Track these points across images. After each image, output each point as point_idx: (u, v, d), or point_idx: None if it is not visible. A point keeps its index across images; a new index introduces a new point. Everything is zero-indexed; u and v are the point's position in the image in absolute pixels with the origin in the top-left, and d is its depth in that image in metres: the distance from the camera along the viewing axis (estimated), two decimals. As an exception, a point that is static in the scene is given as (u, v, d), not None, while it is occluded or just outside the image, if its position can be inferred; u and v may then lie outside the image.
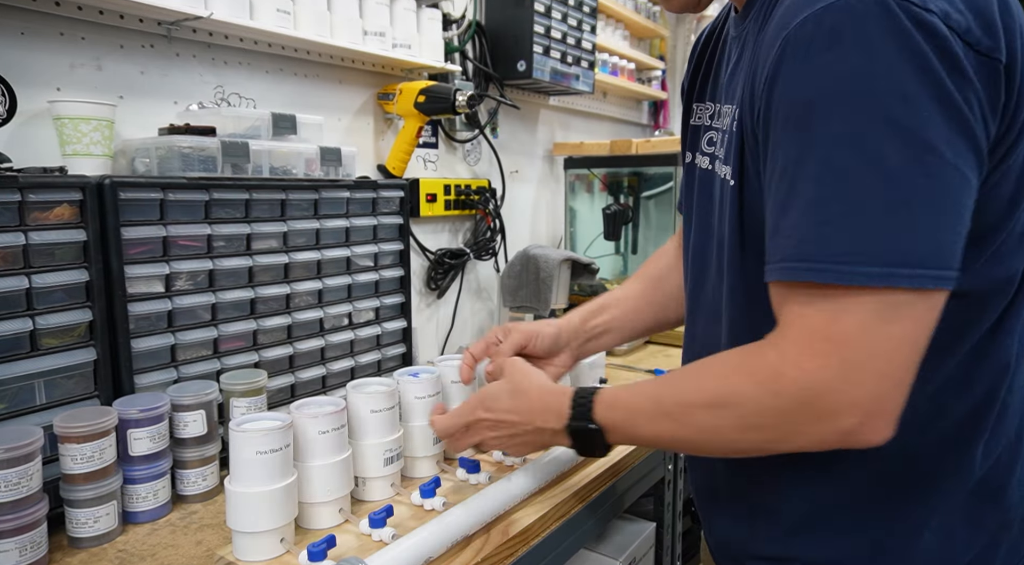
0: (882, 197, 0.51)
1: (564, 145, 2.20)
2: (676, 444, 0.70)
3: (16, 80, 0.97)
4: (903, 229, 0.51)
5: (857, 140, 0.52)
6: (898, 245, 0.51)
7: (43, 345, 0.84)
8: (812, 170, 0.53)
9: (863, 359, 0.53)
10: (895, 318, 0.52)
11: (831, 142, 0.53)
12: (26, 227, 0.82)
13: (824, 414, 0.54)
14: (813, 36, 0.53)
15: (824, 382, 0.54)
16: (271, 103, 1.36)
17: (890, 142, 0.51)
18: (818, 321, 0.54)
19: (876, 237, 0.51)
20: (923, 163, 0.51)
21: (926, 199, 0.51)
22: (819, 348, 0.54)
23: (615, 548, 1.17)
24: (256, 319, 1.07)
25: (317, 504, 0.81)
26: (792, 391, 0.55)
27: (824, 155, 0.53)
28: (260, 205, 1.07)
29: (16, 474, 0.73)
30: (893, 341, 0.53)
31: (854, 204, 0.52)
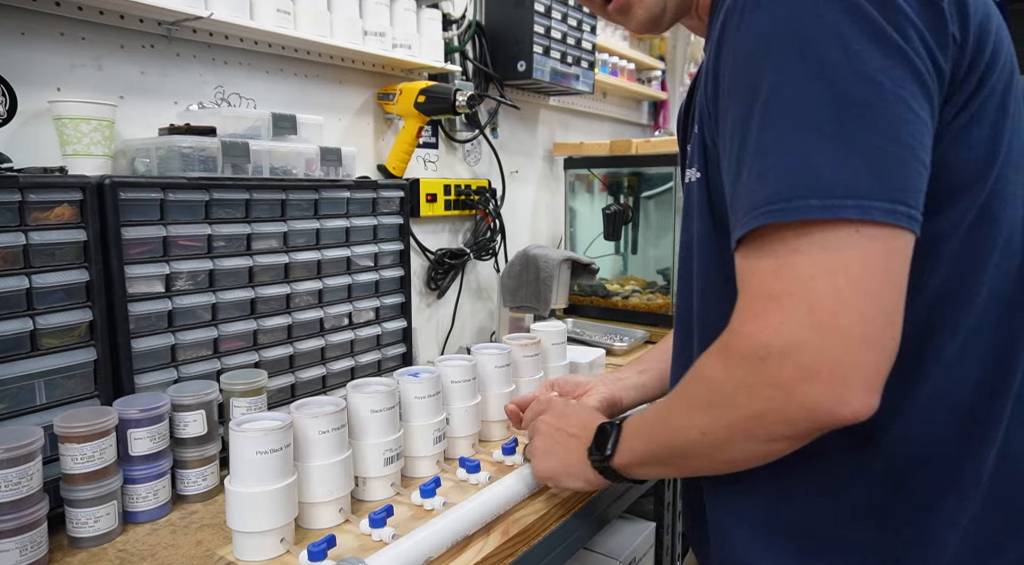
0: (822, 132, 0.48)
1: (564, 145, 2.20)
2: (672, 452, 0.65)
3: (16, 80, 0.97)
4: (846, 160, 0.48)
5: (791, 84, 0.50)
6: (841, 176, 0.48)
7: (43, 345, 0.84)
8: (755, 123, 0.52)
9: (807, 314, 0.48)
10: (842, 265, 0.48)
11: (769, 92, 0.51)
12: (26, 227, 0.82)
13: (778, 383, 0.50)
14: (744, 2, 0.53)
15: (767, 345, 0.50)
16: (271, 103, 1.36)
17: (823, 79, 0.49)
18: (759, 280, 0.51)
19: (816, 172, 0.48)
20: (860, 92, 0.48)
21: (867, 127, 0.48)
22: (760, 308, 0.51)
23: (615, 548, 1.17)
24: (256, 319, 1.07)
25: (317, 504, 0.81)
26: (738, 358, 0.52)
27: (763, 107, 0.51)
28: (260, 205, 1.07)
29: (16, 474, 0.73)
30: (845, 291, 0.47)
31: (794, 146, 0.49)
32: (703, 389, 0.57)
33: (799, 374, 0.49)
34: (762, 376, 0.51)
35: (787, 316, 0.49)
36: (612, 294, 2.01)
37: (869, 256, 0.48)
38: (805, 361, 0.49)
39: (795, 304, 0.49)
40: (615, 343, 1.70)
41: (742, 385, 0.53)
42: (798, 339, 0.49)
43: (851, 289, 0.48)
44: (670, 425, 0.62)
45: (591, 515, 0.96)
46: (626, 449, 0.71)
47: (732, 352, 0.53)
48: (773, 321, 0.50)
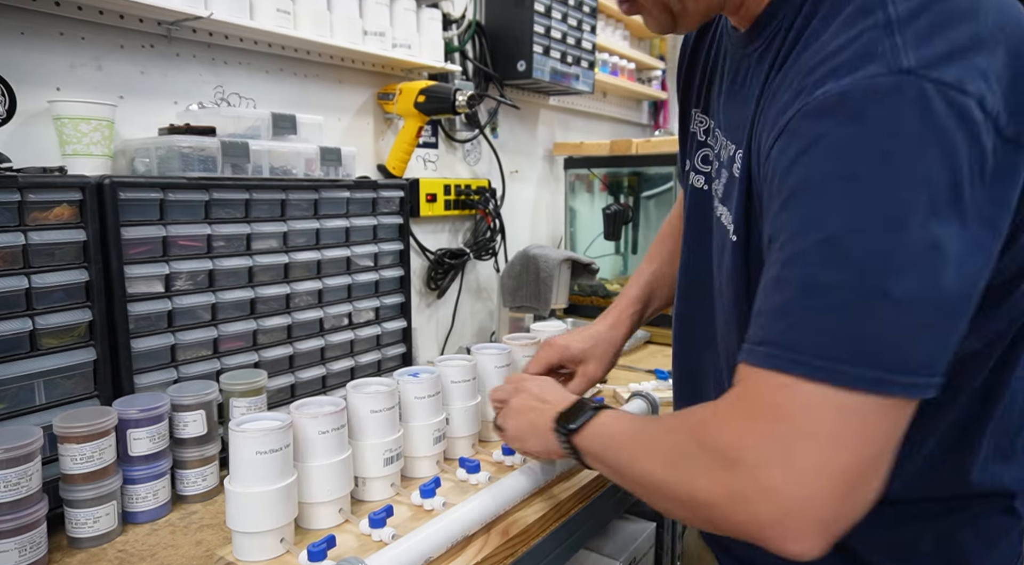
0: (887, 297, 0.46)
1: (564, 145, 2.20)
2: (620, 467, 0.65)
3: (16, 80, 0.97)
4: (903, 333, 0.46)
5: (866, 229, 0.47)
6: (896, 350, 0.46)
7: (43, 345, 0.84)
8: (814, 254, 0.48)
9: (799, 441, 0.47)
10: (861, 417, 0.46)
11: (838, 226, 0.48)
12: (26, 227, 0.82)
13: (738, 491, 0.48)
14: (834, 110, 0.49)
15: (746, 450, 0.48)
16: (271, 103, 1.36)
17: (901, 237, 0.46)
18: (765, 389, 0.49)
19: (873, 338, 0.46)
20: (931, 264, 0.46)
21: (929, 303, 0.46)
22: (754, 411, 0.49)
23: (615, 548, 1.17)
24: (256, 319, 1.07)
25: (317, 504, 0.81)
26: (710, 444, 0.51)
27: (828, 238, 0.48)
28: (260, 205, 1.07)
29: (16, 474, 0.73)
30: (851, 435, 0.46)
31: (853, 302, 0.47)
32: (671, 447, 0.56)
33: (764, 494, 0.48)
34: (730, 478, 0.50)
35: (780, 433, 0.48)
36: (612, 294, 2.01)
37: (888, 421, 0.47)
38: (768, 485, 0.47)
39: (793, 427, 0.47)
40: (615, 343, 1.70)
41: (708, 472, 0.51)
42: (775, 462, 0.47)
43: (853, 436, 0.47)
44: (628, 452, 0.63)
45: (591, 515, 0.96)
46: (592, 436, 0.69)
47: (711, 437, 0.52)
48: (764, 430, 0.48)
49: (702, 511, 0.52)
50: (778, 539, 0.47)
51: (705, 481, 0.51)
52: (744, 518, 0.49)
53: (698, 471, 0.52)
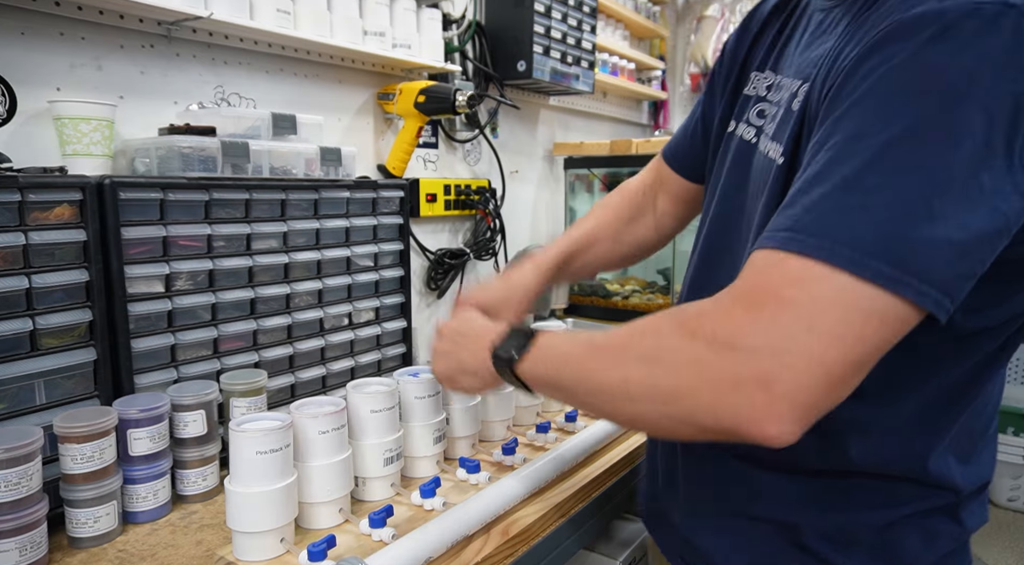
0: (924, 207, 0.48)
1: (564, 145, 2.20)
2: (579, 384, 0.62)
3: (16, 80, 0.97)
4: (937, 244, 0.48)
5: (929, 140, 0.48)
6: (925, 257, 0.48)
7: (43, 345, 0.84)
8: (867, 151, 0.49)
9: (801, 330, 0.48)
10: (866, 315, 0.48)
11: (900, 132, 0.49)
12: (26, 227, 0.82)
13: (730, 376, 0.49)
14: (928, 24, 0.49)
15: (749, 337, 0.49)
16: (271, 103, 1.36)
17: (960, 157, 0.48)
18: (777, 275, 0.50)
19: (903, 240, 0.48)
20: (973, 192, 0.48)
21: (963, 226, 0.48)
22: (760, 298, 0.49)
23: (615, 548, 1.17)
24: (256, 319, 1.07)
25: (317, 504, 0.81)
26: (709, 335, 0.51)
27: (887, 141, 0.49)
28: (260, 205, 1.07)
29: (16, 474, 0.73)
30: (850, 333, 0.48)
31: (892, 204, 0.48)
32: (651, 345, 0.55)
33: (755, 379, 0.48)
34: (722, 362, 0.50)
35: (782, 322, 0.48)
36: (612, 294, 2.01)
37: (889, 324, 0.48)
38: (767, 370, 0.48)
39: (796, 317, 0.48)
40: (615, 343, 1.70)
41: (697, 361, 0.51)
42: (780, 348, 0.48)
43: (852, 334, 0.48)
44: (593, 363, 0.59)
45: (591, 515, 0.96)
46: (535, 360, 0.67)
47: (706, 327, 0.51)
48: (766, 318, 0.49)
49: (682, 403, 0.52)
50: (760, 422, 0.48)
51: (692, 369, 0.51)
52: (730, 403, 0.49)
53: (684, 360, 0.52)
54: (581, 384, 0.61)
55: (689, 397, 0.51)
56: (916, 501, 0.64)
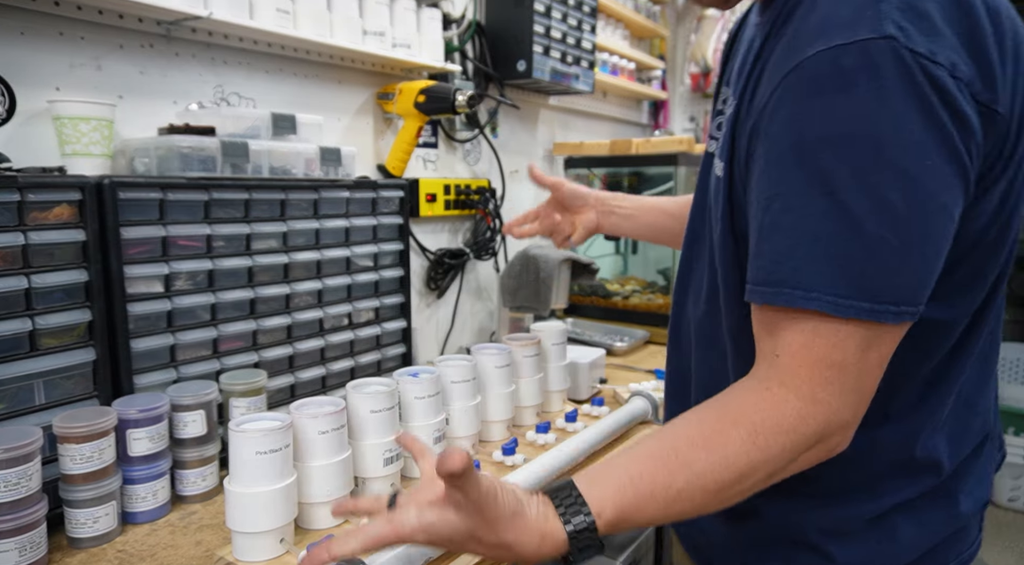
0: (886, 239, 0.53)
1: (564, 145, 2.19)
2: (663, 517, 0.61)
3: (16, 80, 0.97)
4: (900, 270, 0.55)
5: (868, 183, 0.53)
6: (894, 285, 0.55)
7: (42, 345, 0.84)
8: (819, 206, 0.55)
9: (855, 384, 0.57)
10: (876, 345, 0.56)
11: (842, 182, 0.54)
12: (25, 227, 0.82)
13: (824, 437, 0.58)
14: (828, 74, 0.54)
15: (833, 411, 0.57)
16: (271, 103, 1.35)
17: (897, 187, 0.53)
18: (822, 351, 0.56)
19: (878, 275, 0.54)
20: (925, 211, 0.54)
21: (922, 243, 0.54)
22: (827, 376, 0.56)
23: (615, 548, 1.17)
24: (256, 319, 1.07)
25: (317, 504, 0.81)
26: (813, 429, 0.57)
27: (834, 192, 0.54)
28: (260, 205, 1.07)
29: (15, 474, 0.73)
30: (871, 365, 0.57)
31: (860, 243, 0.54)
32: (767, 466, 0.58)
33: (840, 431, 0.58)
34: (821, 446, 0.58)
35: (847, 384, 0.57)
36: (612, 294, 2.01)
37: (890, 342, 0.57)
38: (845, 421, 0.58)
39: (851, 376, 0.56)
40: (615, 343, 1.70)
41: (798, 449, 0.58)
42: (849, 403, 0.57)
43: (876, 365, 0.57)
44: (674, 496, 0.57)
45: (591, 515, 0.96)
46: (608, 526, 0.59)
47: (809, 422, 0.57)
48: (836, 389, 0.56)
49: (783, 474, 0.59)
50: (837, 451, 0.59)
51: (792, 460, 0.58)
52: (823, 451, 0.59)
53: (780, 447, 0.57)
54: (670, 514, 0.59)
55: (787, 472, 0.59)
56: (907, 488, 0.67)
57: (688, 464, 0.57)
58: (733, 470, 0.57)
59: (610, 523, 0.58)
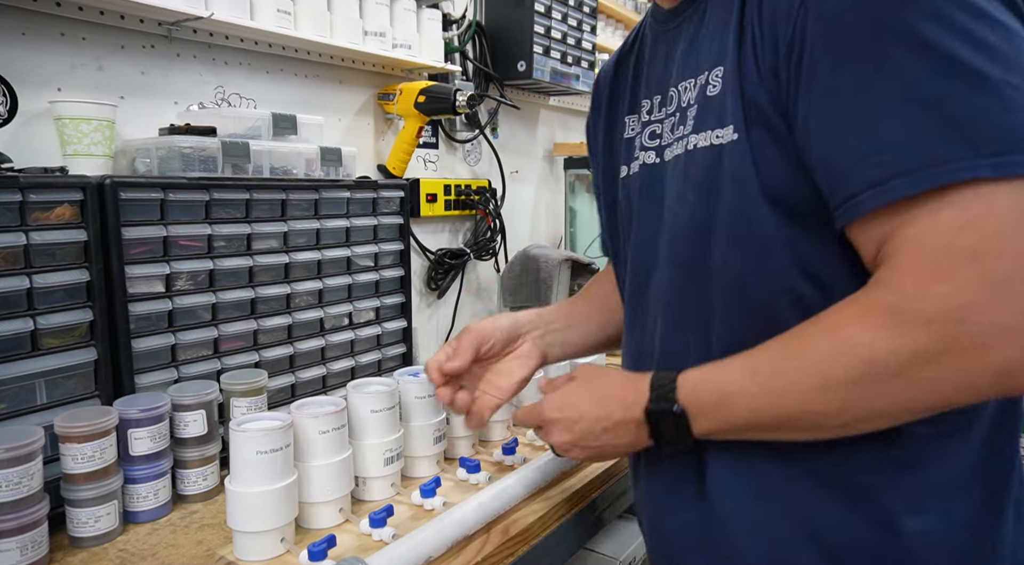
0: (1009, 82, 0.46)
1: (564, 145, 2.20)
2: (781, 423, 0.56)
3: (17, 80, 0.97)
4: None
5: (964, 29, 0.47)
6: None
7: (44, 345, 0.84)
8: (922, 67, 0.47)
9: (1010, 271, 0.45)
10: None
11: (935, 33, 0.47)
12: (27, 227, 0.82)
13: (968, 347, 0.46)
14: None
15: (962, 306, 0.45)
16: (271, 103, 1.36)
17: (990, 31, 0.47)
18: (940, 239, 0.47)
19: (999, 121, 0.46)
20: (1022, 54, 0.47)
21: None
22: (948, 267, 0.46)
23: (615, 548, 1.17)
24: (256, 319, 1.08)
25: (317, 504, 0.81)
26: (921, 323, 0.47)
27: (931, 47, 0.47)
28: (260, 205, 1.07)
29: (17, 474, 0.73)
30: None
31: (967, 93, 0.46)
32: (856, 361, 0.50)
33: (999, 340, 0.45)
34: (954, 342, 0.46)
35: (986, 273, 0.45)
36: (612, 294, 2.01)
37: None
38: (1006, 321, 0.45)
39: (994, 260, 0.45)
40: (615, 343, 1.70)
41: (921, 355, 0.47)
42: (1001, 297, 0.45)
43: None
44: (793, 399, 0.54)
45: (591, 515, 0.96)
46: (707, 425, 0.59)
47: (909, 317, 0.47)
48: (968, 279, 0.45)
49: (929, 399, 0.49)
50: (1020, 383, 0.47)
51: (923, 368, 0.48)
52: (988, 370, 0.46)
53: (911, 362, 0.48)
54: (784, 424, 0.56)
55: (933, 392, 0.49)
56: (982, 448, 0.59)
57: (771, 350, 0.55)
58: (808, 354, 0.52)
59: (695, 387, 0.60)
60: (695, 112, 0.65)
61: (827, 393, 0.52)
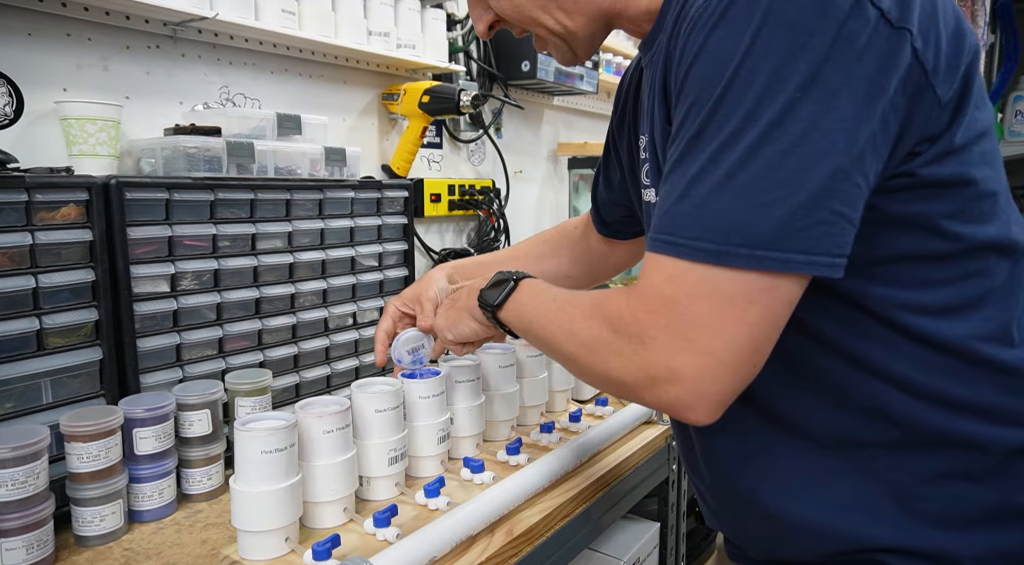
0: (740, 174, 0.51)
1: (568, 145, 2.20)
2: (542, 344, 0.71)
3: (23, 81, 0.98)
4: (754, 208, 0.51)
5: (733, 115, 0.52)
6: (743, 224, 0.51)
7: (49, 344, 0.85)
8: (701, 147, 0.53)
9: (689, 327, 0.53)
10: (736, 299, 0.52)
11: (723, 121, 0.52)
12: (33, 227, 0.83)
13: (648, 371, 0.56)
14: (708, 11, 0.54)
15: (655, 338, 0.55)
16: (276, 103, 1.36)
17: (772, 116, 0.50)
18: (659, 278, 0.55)
19: (726, 215, 0.52)
20: (804, 142, 0.50)
21: (787, 179, 0.50)
22: (655, 304, 0.55)
23: (619, 548, 1.17)
24: (261, 319, 1.08)
25: (322, 503, 0.81)
26: (625, 335, 0.57)
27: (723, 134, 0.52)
28: (265, 205, 1.07)
29: (23, 473, 0.73)
30: (729, 323, 0.52)
31: (716, 182, 0.52)
32: (588, 335, 0.62)
33: (667, 375, 0.54)
34: (638, 358, 0.56)
35: (672, 323, 0.54)
36: (616, 294, 2.01)
37: (759, 310, 0.52)
38: (674, 367, 0.54)
39: (680, 315, 0.53)
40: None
41: (619, 354, 0.58)
42: (676, 346, 0.54)
43: (728, 320, 0.52)
44: (554, 330, 0.67)
45: (595, 515, 0.96)
46: (513, 315, 0.74)
47: (622, 327, 0.58)
48: (661, 321, 0.54)
49: (619, 389, 0.60)
50: (680, 411, 0.56)
51: (619, 363, 0.58)
52: (656, 395, 0.56)
53: (612, 354, 0.59)
54: (546, 345, 0.70)
55: (623, 386, 0.59)
56: None
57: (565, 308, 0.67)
58: (563, 322, 0.65)
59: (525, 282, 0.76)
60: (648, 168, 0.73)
61: (568, 341, 0.64)
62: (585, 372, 0.65)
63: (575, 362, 0.65)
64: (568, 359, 0.66)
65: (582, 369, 0.65)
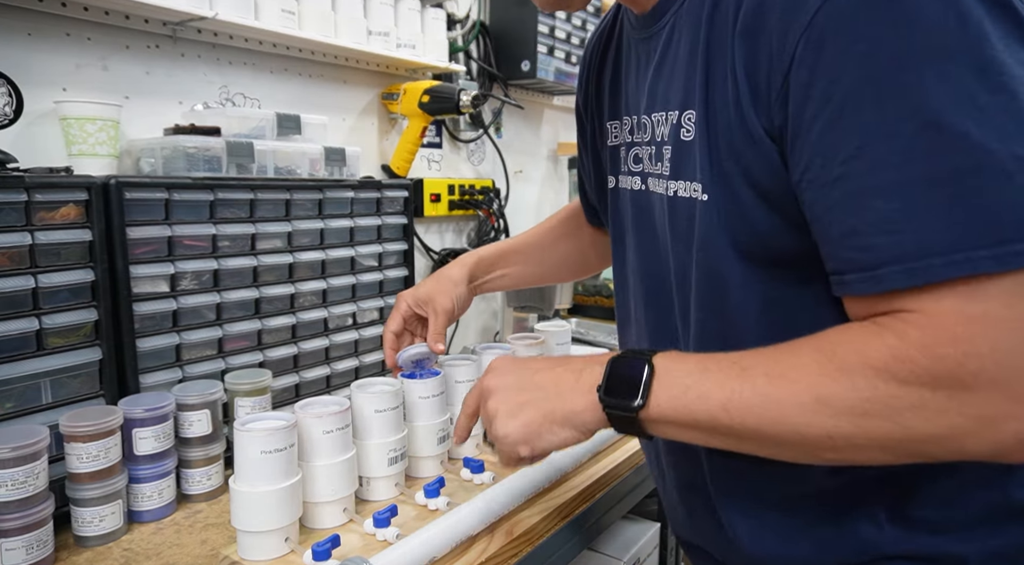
0: (996, 167, 0.43)
1: (568, 145, 2.19)
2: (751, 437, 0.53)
3: (23, 80, 0.98)
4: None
5: (964, 103, 0.44)
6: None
7: (49, 344, 0.85)
8: (922, 141, 0.45)
9: (1017, 343, 0.43)
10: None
11: (934, 108, 0.44)
12: (32, 227, 0.82)
13: (982, 414, 0.45)
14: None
15: (976, 373, 0.44)
16: (276, 103, 1.36)
17: (1006, 103, 0.44)
18: (949, 305, 0.45)
19: (1000, 211, 0.43)
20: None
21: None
22: (963, 330, 0.44)
23: (619, 548, 1.17)
24: (260, 319, 1.08)
25: (321, 503, 0.81)
26: (926, 380, 0.45)
27: (925, 124, 0.44)
28: (265, 205, 1.07)
29: (22, 473, 0.73)
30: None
31: (991, 170, 0.43)
32: (855, 396, 0.48)
33: (1010, 409, 0.44)
34: (961, 404, 0.45)
35: (1001, 340, 0.44)
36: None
37: None
38: (1018, 393, 0.44)
39: (1011, 329, 0.44)
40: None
41: (922, 408, 0.46)
42: (1015, 367, 0.44)
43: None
44: (782, 409, 0.50)
45: (595, 515, 0.96)
46: (667, 403, 0.54)
47: (916, 370, 0.46)
48: (984, 345, 0.44)
49: (923, 447, 0.48)
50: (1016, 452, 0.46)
51: (922, 417, 0.46)
52: (993, 438, 0.45)
53: (906, 409, 0.46)
54: (756, 433, 0.52)
55: (926, 440, 0.47)
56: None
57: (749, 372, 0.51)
58: (818, 394, 0.49)
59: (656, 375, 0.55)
60: (671, 154, 0.64)
61: (817, 419, 0.49)
62: (858, 445, 0.49)
63: (832, 438, 0.49)
64: (818, 438, 0.49)
65: (851, 441, 0.48)
